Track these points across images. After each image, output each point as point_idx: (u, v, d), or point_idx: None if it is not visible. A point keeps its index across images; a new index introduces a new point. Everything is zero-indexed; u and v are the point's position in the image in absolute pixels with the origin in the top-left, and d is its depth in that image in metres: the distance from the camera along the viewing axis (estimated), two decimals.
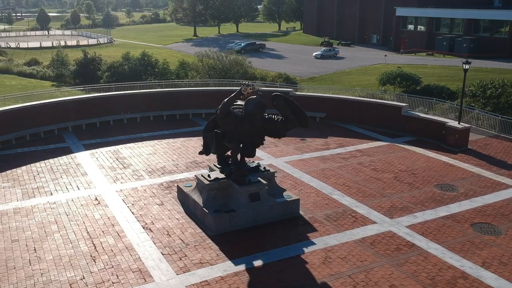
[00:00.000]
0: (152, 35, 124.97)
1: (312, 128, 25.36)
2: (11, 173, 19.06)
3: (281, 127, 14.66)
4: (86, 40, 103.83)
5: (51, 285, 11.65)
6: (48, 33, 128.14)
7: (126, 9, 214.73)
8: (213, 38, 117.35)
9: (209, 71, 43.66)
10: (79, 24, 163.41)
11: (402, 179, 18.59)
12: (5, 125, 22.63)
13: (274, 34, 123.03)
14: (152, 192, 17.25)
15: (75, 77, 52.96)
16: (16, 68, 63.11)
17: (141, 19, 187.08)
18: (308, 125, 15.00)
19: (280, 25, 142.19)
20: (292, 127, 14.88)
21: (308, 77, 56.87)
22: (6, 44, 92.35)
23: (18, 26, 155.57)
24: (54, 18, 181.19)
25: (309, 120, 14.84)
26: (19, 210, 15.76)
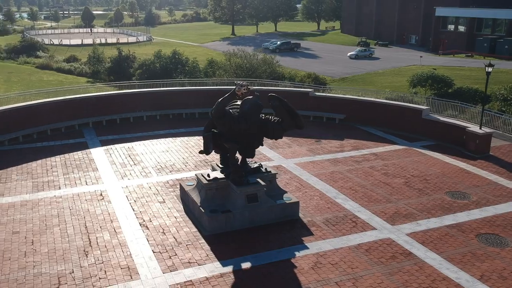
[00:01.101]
0: (191, 34, 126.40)
1: (329, 130, 25.09)
2: (26, 166, 19.66)
3: (277, 128, 14.46)
4: (126, 38, 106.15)
5: (40, 277, 11.92)
6: (91, 31, 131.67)
7: (168, 8, 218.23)
8: (251, 37, 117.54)
9: (236, 70, 43.74)
10: (122, 22, 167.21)
11: (412, 185, 18.02)
12: (27, 119, 23.37)
13: (312, 34, 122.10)
14: (157, 190, 17.41)
15: (110, 74, 54.22)
16: (56, 64, 65.25)
17: (183, 18, 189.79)
18: (303, 127, 14.75)
19: (319, 25, 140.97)
20: (288, 128, 14.64)
21: (340, 78, 56.11)
22: (49, 41, 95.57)
23: (64, 24, 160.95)
24: (98, 16, 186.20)
25: (303, 122, 14.56)
26: (26, 203, 16.23)
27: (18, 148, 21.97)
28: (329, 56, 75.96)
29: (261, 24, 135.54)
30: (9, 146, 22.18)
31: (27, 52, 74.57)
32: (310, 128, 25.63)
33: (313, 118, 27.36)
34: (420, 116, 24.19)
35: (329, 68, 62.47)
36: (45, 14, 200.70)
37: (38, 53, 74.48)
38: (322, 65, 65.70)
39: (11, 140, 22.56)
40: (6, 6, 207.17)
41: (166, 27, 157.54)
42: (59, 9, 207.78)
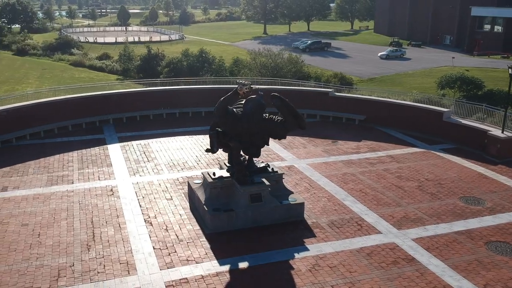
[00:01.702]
0: (223, 33, 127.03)
1: (347, 131, 24.76)
2: (43, 160, 20.17)
3: (280, 128, 14.33)
4: (159, 36, 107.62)
5: (42, 269, 12.21)
6: (126, 29, 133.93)
7: (203, 7, 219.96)
8: (282, 36, 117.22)
9: (261, 69, 43.67)
10: (157, 21, 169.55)
11: (425, 189, 17.57)
12: (49, 115, 23.98)
13: (345, 33, 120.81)
14: (166, 187, 17.56)
15: (139, 72, 55.09)
16: (88, 62, 66.78)
17: (216, 17, 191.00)
18: (305, 127, 14.61)
19: (353, 24, 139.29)
20: (291, 128, 14.50)
21: (368, 78, 55.31)
22: (85, 38, 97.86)
23: (100, 22, 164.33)
24: (134, 15, 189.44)
25: (305, 122, 14.40)
26: (39, 196, 16.66)
27: (38, 142, 22.57)
28: (359, 56, 74.98)
29: (294, 23, 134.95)
30: (30, 140, 22.82)
31: (62, 49, 76.60)
32: (328, 128, 25.38)
33: (333, 119, 27.06)
34: (441, 119, 23.57)
35: (358, 68, 61.67)
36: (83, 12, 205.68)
37: (73, 51, 76.38)
38: (351, 65, 64.92)
39: (32, 135, 23.20)
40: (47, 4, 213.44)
41: (199, 26, 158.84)
42: (96, 8, 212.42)
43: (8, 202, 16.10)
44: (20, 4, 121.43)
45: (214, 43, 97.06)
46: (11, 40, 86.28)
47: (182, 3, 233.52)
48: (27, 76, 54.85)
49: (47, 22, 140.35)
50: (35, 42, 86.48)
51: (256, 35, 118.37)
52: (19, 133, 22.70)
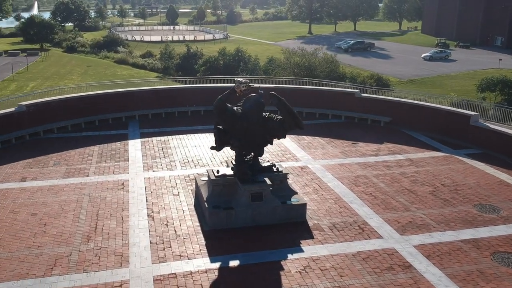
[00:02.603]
0: (268, 32, 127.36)
1: (371, 133, 24.25)
2: (65, 153, 20.90)
3: (278, 128, 14.21)
4: (203, 35, 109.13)
5: (40, 257, 12.66)
6: (173, 28, 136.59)
7: (250, 6, 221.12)
8: (327, 36, 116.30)
9: (294, 68, 43.42)
10: (204, 20, 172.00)
11: (439, 195, 16.94)
12: (78, 110, 24.82)
13: (392, 34, 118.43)
14: (175, 183, 17.80)
15: (178, 70, 56.10)
16: (132, 60, 68.65)
17: (264, 16, 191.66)
18: (303, 127, 14.39)
19: (401, 25, 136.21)
20: (289, 128, 14.34)
21: (408, 79, 53.92)
22: (132, 37, 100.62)
23: (150, 21, 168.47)
24: (183, 14, 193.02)
25: (302, 122, 14.20)
26: (53, 187, 17.28)
27: (64, 136, 23.39)
28: (402, 56, 73.22)
29: (340, 23, 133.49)
30: (57, 134, 23.69)
31: (109, 47, 79.10)
32: (352, 130, 24.94)
33: (358, 120, 26.54)
34: (468, 123, 22.64)
35: (399, 69, 60.23)
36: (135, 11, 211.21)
37: (119, 49, 78.71)
38: (392, 66, 63.48)
39: (59, 129, 24.07)
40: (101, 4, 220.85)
41: (246, 25, 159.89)
42: (147, 7, 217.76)
43: (23, 192, 16.79)
44: (74, 3, 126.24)
45: (257, 43, 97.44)
46: (62, 37, 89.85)
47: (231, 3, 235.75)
48: (72, 73, 56.97)
49: (99, 21, 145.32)
50: (84, 40, 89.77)
51: (300, 35, 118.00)
52: (47, 126, 23.60)
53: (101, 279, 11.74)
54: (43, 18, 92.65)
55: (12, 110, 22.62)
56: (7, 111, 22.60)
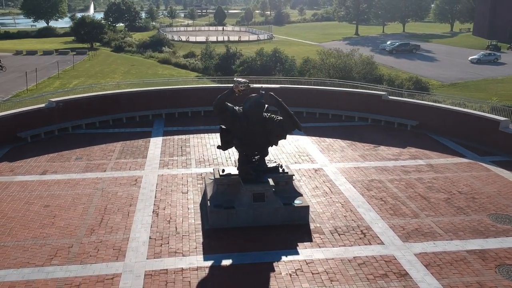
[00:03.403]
0: (314, 33, 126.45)
1: (395, 136, 23.69)
2: (89, 149, 21.60)
3: (278, 128, 14.11)
4: (248, 36, 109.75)
5: (43, 248, 13.17)
6: (223, 29, 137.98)
7: (299, 7, 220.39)
8: (373, 37, 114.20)
9: (329, 69, 42.87)
10: (252, 21, 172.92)
11: (454, 202, 16.31)
12: (107, 106, 25.60)
13: (442, 35, 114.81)
14: (187, 180, 18.04)
15: (217, 70, 56.73)
16: (174, 60, 70.03)
17: (312, 17, 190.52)
18: (301, 128, 14.22)
19: (453, 26, 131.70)
20: (288, 128, 14.22)
21: (450, 83, 52.11)
22: (178, 37, 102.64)
23: (199, 22, 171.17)
24: (231, 15, 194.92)
25: (299, 123, 14.01)
26: (70, 181, 17.91)
27: (91, 132, 24.19)
28: (448, 59, 70.85)
29: (388, 24, 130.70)
30: (85, 129, 24.53)
31: (154, 47, 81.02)
32: (376, 133, 24.42)
33: (384, 123, 25.95)
34: (497, 128, 21.67)
35: (442, 72, 58.32)
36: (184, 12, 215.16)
37: (163, 49, 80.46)
38: (436, 68, 61.54)
39: (88, 125, 24.92)
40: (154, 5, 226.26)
41: (293, 26, 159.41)
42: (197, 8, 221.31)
43: (41, 185, 17.51)
44: (125, 4, 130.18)
45: (300, 43, 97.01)
46: (111, 37, 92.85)
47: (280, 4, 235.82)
48: (115, 71, 58.79)
49: (149, 21, 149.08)
50: (132, 40, 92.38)
51: (346, 36, 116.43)
52: (76, 122, 24.50)
53: (95, 271, 12.08)
54: (93, 18, 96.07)
55: (42, 106, 23.62)
56: (37, 106, 23.65)
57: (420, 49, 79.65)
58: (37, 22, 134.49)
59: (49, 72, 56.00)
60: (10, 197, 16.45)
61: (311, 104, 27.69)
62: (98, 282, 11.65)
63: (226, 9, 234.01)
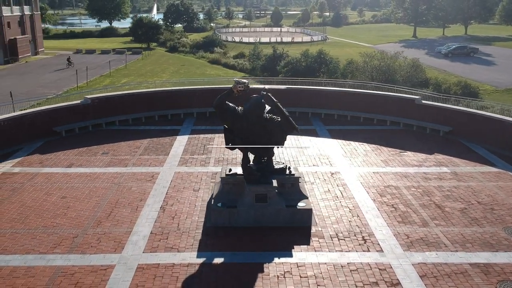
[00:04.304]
0: (370, 35, 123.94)
1: (425, 142, 22.96)
2: (117, 144, 22.41)
3: (277, 129, 14.04)
4: (301, 37, 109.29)
5: (50, 236, 13.85)
6: (280, 30, 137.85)
7: (358, 9, 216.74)
8: (431, 40, 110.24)
9: (372, 72, 41.87)
10: (309, 22, 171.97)
11: (469, 213, 15.58)
12: (139, 105, 26.45)
13: (507, 38, 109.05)
14: (201, 179, 18.33)
15: (263, 71, 56.96)
16: (224, 60, 70.92)
17: (371, 19, 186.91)
18: (297, 129, 14.09)
19: None
20: (287, 129, 14.11)
21: (505, 88, 49.48)
22: (232, 38, 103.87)
23: (256, 23, 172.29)
24: (289, 16, 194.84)
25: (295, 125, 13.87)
26: (91, 175, 18.69)
27: (123, 129, 25.07)
28: (507, 63, 67.25)
29: (449, 27, 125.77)
30: (118, 126, 25.46)
31: (206, 47, 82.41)
32: (406, 138, 23.72)
33: (416, 128, 25.15)
34: None
35: (498, 76, 55.49)
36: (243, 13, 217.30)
37: (215, 49, 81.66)
38: (492, 73, 58.64)
39: (121, 121, 25.84)
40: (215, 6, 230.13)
41: (350, 28, 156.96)
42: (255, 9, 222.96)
43: (64, 177, 18.39)
44: (183, 6, 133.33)
45: (354, 45, 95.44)
46: (167, 37, 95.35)
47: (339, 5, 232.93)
48: (164, 71, 60.42)
49: (207, 22, 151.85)
50: (186, 41, 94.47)
51: (403, 38, 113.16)
52: (110, 119, 25.49)
53: (91, 262, 12.58)
54: (150, 19, 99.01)
55: (78, 103, 24.76)
56: (73, 103, 24.84)
57: (478, 52, 76.09)
58: (101, 23, 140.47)
59: (102, 70, 58.45)
60: (33, 187, 17.41)
61: (342, 106, 27.26)
62: (92, 272, 12.12)
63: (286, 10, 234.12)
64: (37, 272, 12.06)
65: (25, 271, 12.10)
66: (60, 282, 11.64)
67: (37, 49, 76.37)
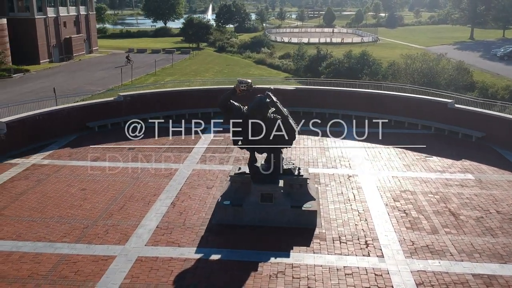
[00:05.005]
0: (424, 36, 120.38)
1: (455, 147, 22.26)
2: (144, 141, 23.07)
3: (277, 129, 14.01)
4: (351, 38, 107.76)
5: (62, 226, 14.52)
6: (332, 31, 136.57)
7: (415, 10, 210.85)
8: (489, 42, 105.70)
9: (413, 74, 40.66)
10: (362, 23, 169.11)
11: (485, 222, 14.95)
12: (170, 103, 27.14)
13: None
14: (217, 176, 18.60)
15: (306, 71, 56.76)
16: (269, 60, 71.22)
17: (428, 20, 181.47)
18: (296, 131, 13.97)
19: None
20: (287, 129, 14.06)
21: None
22: (281, 38, 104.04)
23: (308, 23, 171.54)
24: (342, 17, 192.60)
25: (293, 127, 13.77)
26: (114, 168, 19.38)
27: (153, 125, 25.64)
28: None
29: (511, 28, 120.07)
30: (149, 123, 26.17)
31: (253, 48, 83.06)
32: (435, 142, 23.00)
33: (448, 133, 24.33)
34: None
35: None
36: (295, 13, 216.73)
37: (262, 49, 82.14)
38: None
39: (153, 118, 26.52)
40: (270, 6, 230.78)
41: (405, 29, 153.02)
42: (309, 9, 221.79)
43: (88, 170, 19.20)
44: (235, 6, 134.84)
45: (405, 47, 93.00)
46: (217, 38, 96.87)
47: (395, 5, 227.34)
48: (208, 70, 61.43)
49: (259, 23, 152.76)
50: (235, 41, 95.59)
51: (458, 40, 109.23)
52: (142, 116, 26.23)
53: (95, 252, 13.10)
54: (201, 19, 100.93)
55: (111, 99, 25.73)
56: (106, 99, 25.84)
57: None
58: (156, 23, 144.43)
59: (149, 69, 60.19)
60: (57, 179, 18.31)
61: (373, 109, 26.77)
62: (93, 261, 12.64)
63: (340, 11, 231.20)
64: (43, 259, 12.71)
65: (32, 257, 12.79)
66: (62, 270, 12.21)
67: (91, 48, 79.74)
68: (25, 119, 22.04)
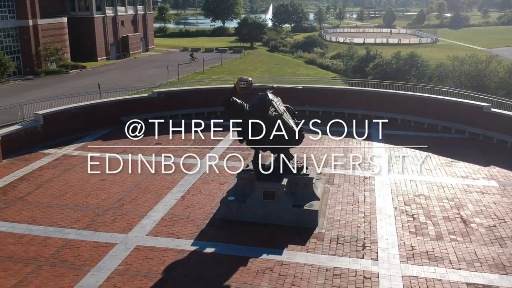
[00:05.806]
0: (489, 38, 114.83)
1: (486, 153, 21.45)
2: (168, 136, 23.54)
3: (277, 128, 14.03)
4: (408, 39, 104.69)
5: (75, 213, 15.31)
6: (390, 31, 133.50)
7: (482, 10, 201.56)
8: None
9: (460, 77, 38.96)
10: (424, 24, 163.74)
11: (497, 231, 14.31)
12: (202, 101, 27.74)
13: None
14: (230, 173, 18.84)
15: (353, 72, 55.93)
16: (319, 60, 70.70)
17: (497, 20, 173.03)
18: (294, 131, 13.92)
19: None
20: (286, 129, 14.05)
21: None
22: (336, 38, 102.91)
23: (367, 24, 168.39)
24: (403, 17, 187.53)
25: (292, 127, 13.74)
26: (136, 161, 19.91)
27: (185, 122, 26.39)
28: None
29: None
30: (180, 119, 26.92)
31: (305, 47, 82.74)
32: (466, 147, 22.16)
33: (482, 138, 23.31)
34: None
35: None
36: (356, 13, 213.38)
37: (314, 49, 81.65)
38: None
39: (184, 115, 27.27)
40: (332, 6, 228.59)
41: (470, 30, 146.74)
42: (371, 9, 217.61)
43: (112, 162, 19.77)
44: (292, 6, 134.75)
45: (465, 48, 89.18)
46: (271, 37, 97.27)
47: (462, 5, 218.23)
48: (255, 69, 61.91)
49: (317, 22, 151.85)
50: (289, 40, 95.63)
51: None
52: (174, 112, 27.05)
53: (99, 239, 13.78)
54: (255, 19, 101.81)
55: (144, 96, 26.69)
56: (140, 96, 26.83)
57: None
58: (215, 22, 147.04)
59: (197, 68, 61.51)
60: (82, 169, 19.30)
61: (407, 111, 26.11)
62: (95, 248, 13.30)
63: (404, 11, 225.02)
64: (50, 243, 13.53)
65: (41, 241, 13.64)
66: (64, 253, 12.96)
67: (148, 46, 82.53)
68: (61, 112, 23.35)
